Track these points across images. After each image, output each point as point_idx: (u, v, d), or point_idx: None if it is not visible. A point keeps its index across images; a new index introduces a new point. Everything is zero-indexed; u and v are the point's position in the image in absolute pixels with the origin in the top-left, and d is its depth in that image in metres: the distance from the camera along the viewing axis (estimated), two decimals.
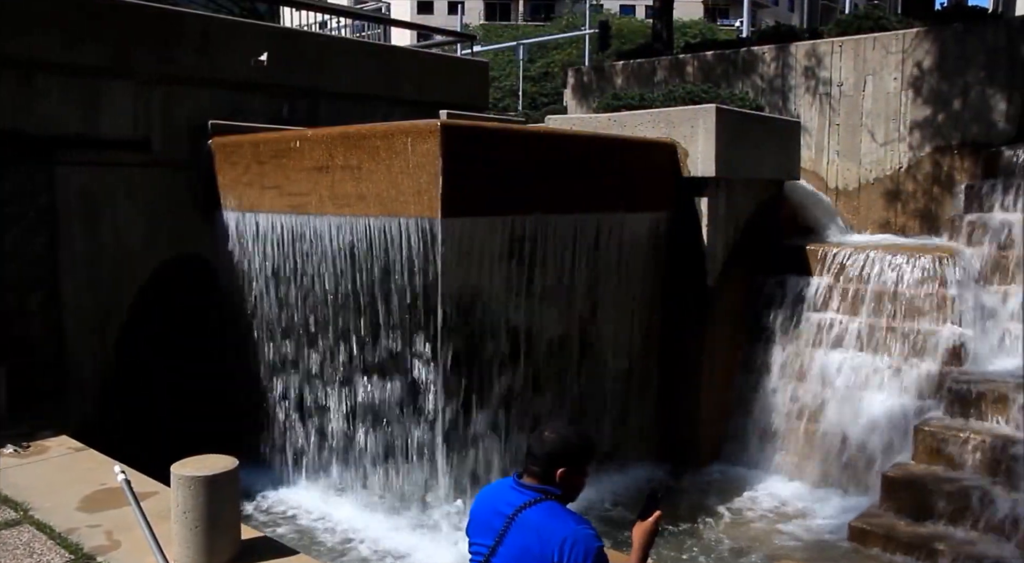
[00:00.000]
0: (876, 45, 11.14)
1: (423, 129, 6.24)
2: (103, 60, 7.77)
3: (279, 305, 7.95)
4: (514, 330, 7.22)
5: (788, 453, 8.56)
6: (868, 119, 11.26)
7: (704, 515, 7.62)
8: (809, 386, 8.50)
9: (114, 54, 7.84)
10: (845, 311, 8.55)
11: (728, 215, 8.67)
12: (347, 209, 6.90)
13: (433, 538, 6.76)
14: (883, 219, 11.14)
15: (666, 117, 8.51)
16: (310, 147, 7.18)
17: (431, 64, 11.37)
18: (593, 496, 7.42)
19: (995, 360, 7.98)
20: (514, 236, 6.80)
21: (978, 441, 7.03)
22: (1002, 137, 10.07)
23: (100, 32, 7.74)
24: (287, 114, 9.33)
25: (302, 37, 10.17)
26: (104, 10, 7.79)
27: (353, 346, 7.44)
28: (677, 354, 8.69)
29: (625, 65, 13.94)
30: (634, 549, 3.08)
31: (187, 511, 4.35)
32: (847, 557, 6.85)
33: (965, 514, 6.75)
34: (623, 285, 8.05)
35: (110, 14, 7.83)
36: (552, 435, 3.06)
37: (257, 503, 7.77)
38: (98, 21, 7.74)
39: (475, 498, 3.25)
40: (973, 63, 10.36)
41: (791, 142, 9.89)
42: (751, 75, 12.35)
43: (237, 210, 8.06)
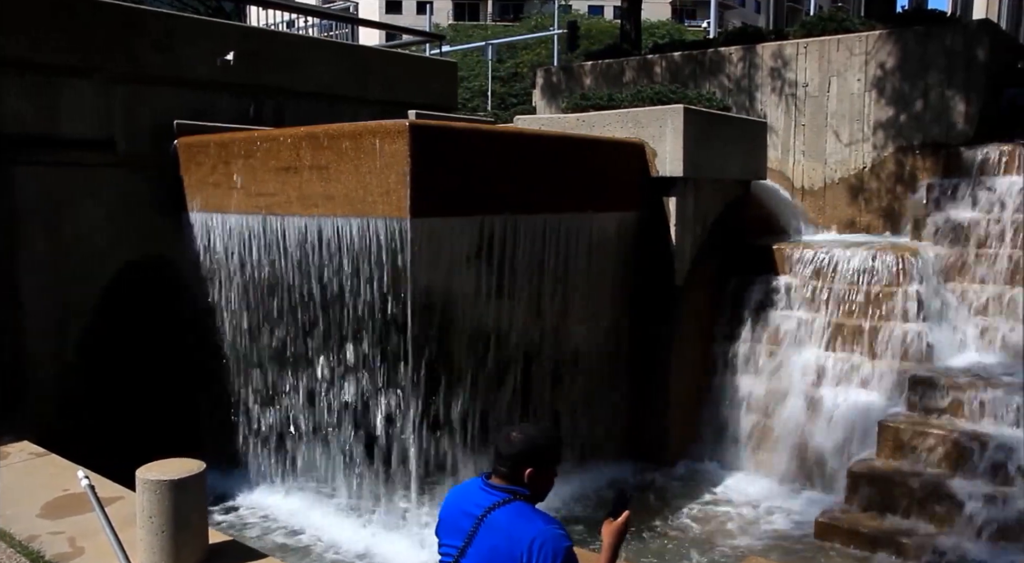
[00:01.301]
0: (840, 47, 11.29)
1: (391, 129, 6.22)
2: (64, 58, 7.64)
3: (247, 307, 7.87)
4: (484, 330, 7.22)
5: (755, 450, 8.65)
6: (833, 119, 11.41)
7: (672, 512, 7.68)
8: (775, 384, 8.60)
9: (75, 52, 7.71)
10: (810, 309, 8.66)
11: (696, 215, 8.74)
12: (315, 209, 6.86)
13: (402, 540, 6.74)
14: (848, 218, 11.30)
15: (634, 117, 8.56)
16: (278, 147, 7.12)
17: (400, 64, 11.32)
18: (563, 495, 7.45)
19: (957, 356, 8.13)
20: (483, 236, 6.80)
21: (940, 436, 7.15)
22: (961, 137, 10.26)
23: (61, 29, 7.62)
24: (254, 114, 9.25)
25: (269, 36, 10.08)
26: (65, 7, 7.67)
27: (322, 347, 7.39)
28: (646, 353, 8.75)
29: (594, 65, 13.99)
30: (603, 548, 3.10)
31: (153, 516, 4.30)
32: (812, 553, 6.94)
33: (927, 507, 6.87)
34: (592, 285, 8.09)
35: (71, 11, 7.71)
36: (519, 435, 3.05)
37: (226, 507, 7.69)
38: (59, 18, 7.61)
39: (444, 499, 3.24)
40: (933, 65, 10.54)
41: (758, 142, 9.99)
42: (718, 76, 12.45)
43: (203, 211, 7.97)
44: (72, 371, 7.76)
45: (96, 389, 7.83)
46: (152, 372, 8.09)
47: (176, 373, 8.19)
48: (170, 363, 8.19)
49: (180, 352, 8.27)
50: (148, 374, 8.07)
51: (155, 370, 8.11)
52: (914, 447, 7.27)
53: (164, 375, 8.13)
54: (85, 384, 7.78)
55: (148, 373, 8.07)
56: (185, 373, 8.24)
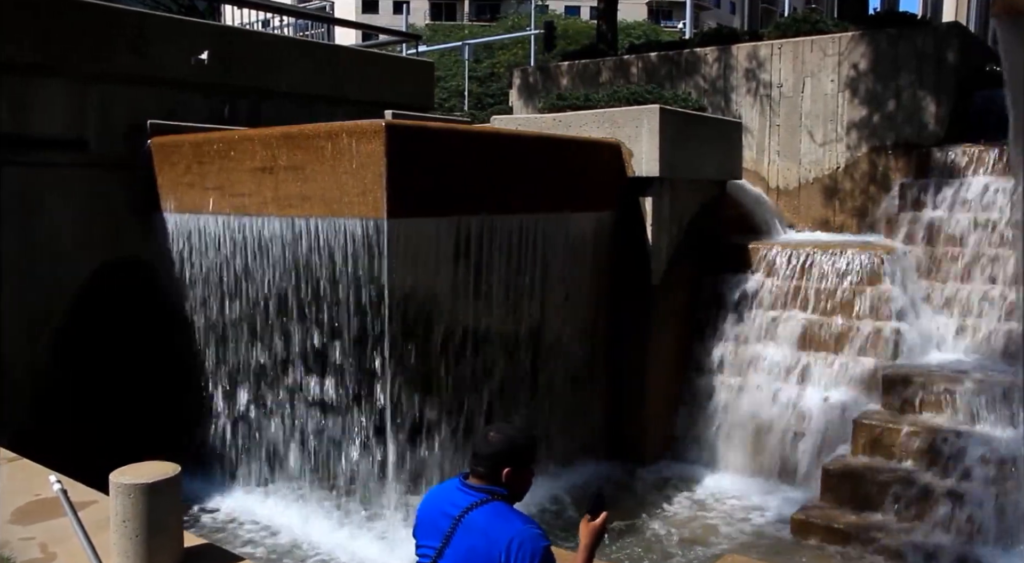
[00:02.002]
0: (814, 48, 11.40)
1: (368, 129, 6.20)
2: (34, 57, 7.54)
3: (222, 308, 7.81)
4: (462, 330, 7.21)
5: (732, 448, 8.71)
6: (807, 120, 11.51)
7: (650, 511, 7.71)
8: (752, 382, 8.66)
9: (46, 51, 7.61)
10: (786, 308, 8.74)
11: (672, 215, 8.78)
12: (291, 210, 6.82)
13: (379, 541, 6.72)
14: (822, 217, 11.40)
15: (611, 117, 8.59)
16: (253, 147, 7.07)
17: (376, 64, 11.28)
18: (541, 495, 7.46)
19: (929, 354, 8.23)
20: (460, 236, 6.79)
21: (913, 433, 7.24)
22: (932, 138, 10.39)
23: (30, 27, 7.51)
24: (228, 114, 9.18)
25: (244, 36, 10.01)
26: (34, 5, 7.57)
27: (299, 349, 7.35)
28: (624, 352, 8.78)
29: (570, 66, 14.02)
30: (580, 548, 3.10)
31: (127, 520, 4.25)
32: (789, 549, 6.99)
33: (900, 504, 6.95)
34: (569, 284, 8.10)
35: (41, 9, 7.61)
36: (497, 435, 3.06)
37: (201, 509, 7.63)
38: (28, 16, 7.51)
39: (422, 500, 3.24)
40: (905, 67, 10.67)
41: (733, 142, 10.06)
42: (694, 76, 12.52)
43: (178, 211, 7.90)
44: (45, 374, 7.66)
45: (71, 392, 7.73)
46: (127, 374, 8.00)
47: (152, 375, 8.10)
48: (146, 365, 8.10)
49: (155, 354, 8.18)
50: (123, 376, 7.98)
51: (130, 372, 8.02)
52: (888, 444, 7.35)
53: (140, 377, 8.04)
54: (59, 387, 7.69)
55: (123, 375, 7.98)
56: (161, 375, 8.15)
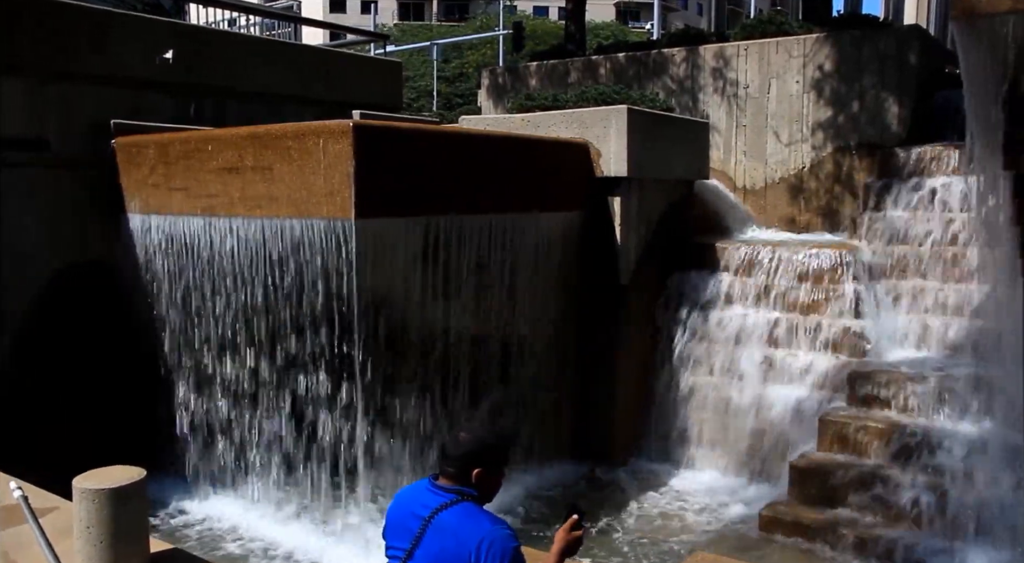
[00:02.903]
0: (779, 49, 11.52)
1: (335, 129, 6.17)
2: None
3: (188, 311, 7.73)
4: (430, 331, 7.20)
5: (701, 446, 8.78)
6: (773, 120, 11.63)
7: (620, 510, 7.75)
8: (720, 380, 8.73)
9: (4, 48, 7.47)
10: (753, 306, 8.83)
11: (640, 214, 8.83)
12: (259, 211, 6.77)
13: (348, 543, 6.69)
14: (788, 217, 11.53)
15: (579, 118, 8.62)
16: (220, 147, 7.00)
17: (344, 64, 11.22)
18: (511, 495, 7.47)
19: (894, 351, 8.35)
20: (429, 237, 6.78)
21: (878, 429, 7.34)
22: (895, 139, 10.55)
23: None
24: (194, 114, 9.08)
25: (210, 35, 9.90)
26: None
27: (267, 350, 7.29)
28: (593, 352, 8.81)
29: (539, 66, 14.04)
30: (552, 551, 3.10)
31: (90, 526, 4.18)
32: (757, 545, 7.06)
33: (866, 498, 7.04)
34: (538, 284, 8.12)
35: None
36: (467, 436, 3.05)
37: (168, 514, 7.55)
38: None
39: (391, 501, 3.22)
40: (868, 68, 10.82)
41: (701, 143, 10.14)
42: (662, 76, 12.60)
43: (143, 212, 7.80)
44: (5, 379, 7.51)
45: (32, 396, 7.59)
46: (93, 377, 7.87)
47: (118, 378, 7.98)
48: (111, 368, 7.98)
49: (122, 357, 8.06)
50: (88, 380, 7.85)
51: (96, 375, 7.89)
52: (854, 440, 7.44)
53: (105, 380, 7.92)
54: (20, 390, 7.55)
55: (88, 379, 7.86)
56: (127, 378, 8.04)
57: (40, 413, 7.58)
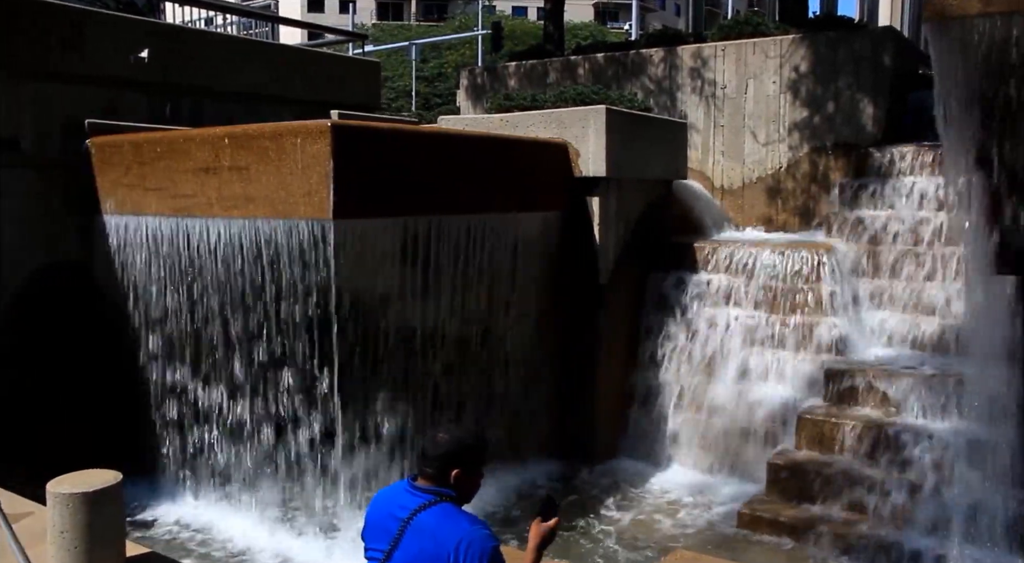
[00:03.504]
0: (756, 50, 11.60)
1: (313, 129, 6.14)
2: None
3: (165, 312, 7.66)
4: (410, 331, 7.18)
5: (681, 445, 8.82)
6: (750, 120, 11.71)
7: (600, 508, 7.77)
8: (699, 379, 8.78)
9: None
10: (731, 305, 8.88)
11: (619, 214, 8.86)
12: (236, 211, 6.72)
13: (327, 545, 6.66)
14: (765, 216, 11.61)
15: (558, 118, 8.63)
16: (196, 147, 6.95)
17: (322, 64, 11.17)
18: (491, 495, 7.47)
19: (869, 349, 8.43)
20: (408, 237, 6.76)
21: (853, 426, 7.41)
22: (870, 139, 10.66)
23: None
24: (170, 113, 9.00)
25: (186, 34, 9.82)
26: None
27: (245, 353, 7.24)
28: (573, 351, 8.83)
29: (517, 66, 14.05)
30: (529, 548, 3.11)
31: (64, 531, 4.15)
32: (736, 543, 7.11)
33: (843, 495, 7.12)
34: (518, 284, 8.12)
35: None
36: (446, 436, 3.05)
37: (147, 518, 7.47)
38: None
39: (370, 502, 3.22)
40: (843, 69, 10.92)
41: (679, 143, 10.19)
42: (640, 77, 12.65)
43: (118, 213, 7.73)
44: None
45: (9, 399, 7.49)
46: (69, 380, 7.79)
47: (95, 380, 7.90)
48: (87, 369, 7.89)
49: (97, 358, 7.98)
50: (65, 382, 7.76)
51: (71, 377, 7.80)
52: (830, 438, 7.52)
53: (82, 382, 7.84)
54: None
55: (64, 381, 7.77)
56: (104, 380, 7.96)
57: (15, 415, 7.49)
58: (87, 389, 7.86)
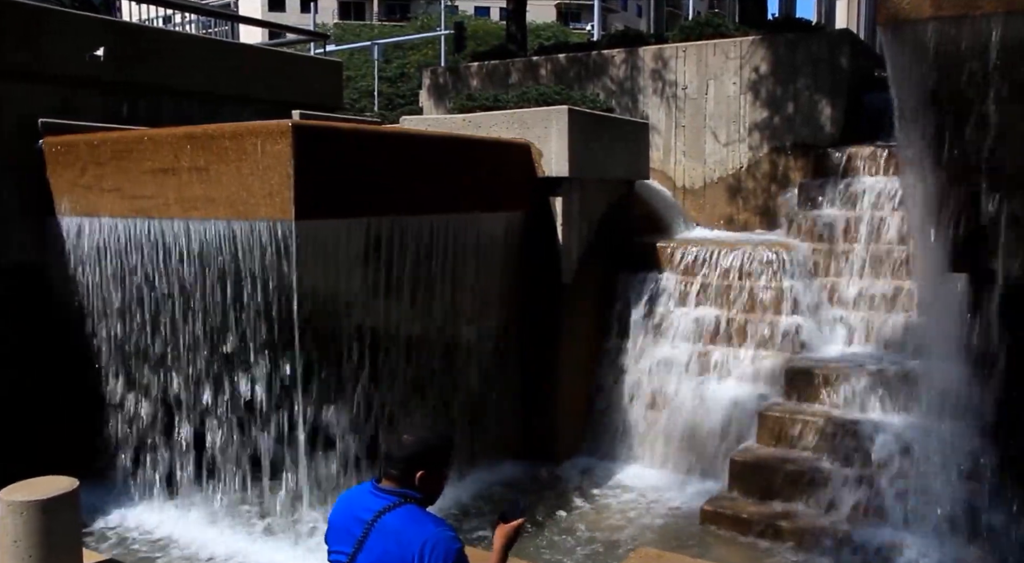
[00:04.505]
0: (716, 51, 11.72)
1: (274, 129, 6.08)
2: None
3: (123, 315, 7.53)
4: (373, 332, 7.15)
5: (644, 443, 8.88)
6: (711, 121, 11.83)
7: (564, 507, 7.79)
8: (661, 378, 8.84)
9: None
10: (693, 305, 8.97)
11: (582, 214, 8.90)
12: (196, 212, 6.63)
13: (290, 548, 6.60)
14: (727, 216, 11.74)
15: (520, 118, 8.65)
16: (154, 148, 6.85)
17: (283, 63, 11.06)
18: (456, 496, 7.46)
19: (828, 347, 8.57)
20: (370, 238, 6.73)
21: (814, 423, 7.53)
22: (828, 139, 10.83)
23: None
24: (127, 113, 8.84)
25: (143, 32, 9.66)
26: None
27: (205, 354, 7.15)
28: (537, 351, 8.85)
29: (480, 66, 14.05)
30: (494, 549, 3.12)
31: (18, 539, 4.06)
32: (699, 539, 7.18)
33: (804, 491, 7.22)
34: (481, 285, 8.12)
35: None
36: (410, 438, 3.04)
37: (105, 524, 7.34)
38: None
39: (333, 505, 3.20)
40: (801, 71, 11.09)
41: (641, 143, 10.25)
42: (602, 77, 12.71)
43: (74, 214, 7.58)
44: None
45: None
46: (22, 384, 7.62)
47: (49, 384, 7.74)
48: (42, 374, 7.73)
49: (52, 362, 7.82)
50: (17, 386, 7.60)
51: (25, 382, 7.64)
52: (791, 435, 7.62)
53: (37, 387, 7.67)
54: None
55: (17, 385, 7.60)
56: (59, 384, 7.80)
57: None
58: (41, 393, 7.70)
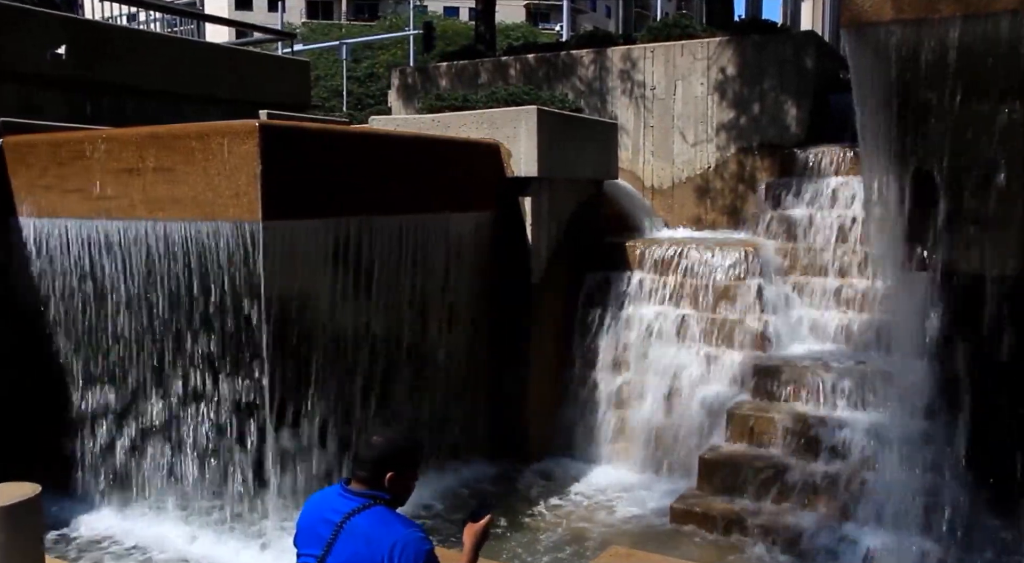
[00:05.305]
0: (684, 52, 11.80)
1: (240, 130, 6.04)
2: None
3: (87, 317, 7.42)
4: (342, 333, 7.11)
5: (615, 443, 8.92)
6: (679, 121, 11.91)
7: (535, 508, 7.81)
8: (631, 376, 8.89)
9: None
10: (662, 304, 9.02)
11: (551, 214, 8.92)
12: (161, 213, 6.56)
13: (258, 552, 6.55)
14: (695, 215, 11.82)
15: (489, 118, 8.65)
16: (119, 148, 6.76)
17: (250, 62, 10.99)
18: (424, 496, 7.44)
19: (795, 345, 8.66)
20: (339, 238, 6.70)
21: (781, 420, 7.61)
22: (794, 140, 10.95)
23: None
24: (91, 112, 8.73)
25: (108, 30, 9.55)
26: None
27: (171, 357, 7.07)
28: (506, 351, 8.85)
29: (449, 66, 14.02)
30: (465, 550, 3.12)
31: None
32: (670, 537, 7.21)
33: (771, 488, 7.28)
34: (451, 285, 8.11)
35: None
36: (379, 439, 3.04)
37: (67, 531, 7.22)
38: None
39: (302, 507, 3.18)
40: (768, 72, 11.19)
41: (609, 143, 10.30)
42: (571, 78, 12.75)
43: (35, 215, 7.45)
44: None
45: None
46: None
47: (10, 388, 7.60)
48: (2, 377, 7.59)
49: (13, 365, 7.68)
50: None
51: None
52: (759, 432, 7.69)
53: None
54: None
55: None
56: (20, 388, 7.66)
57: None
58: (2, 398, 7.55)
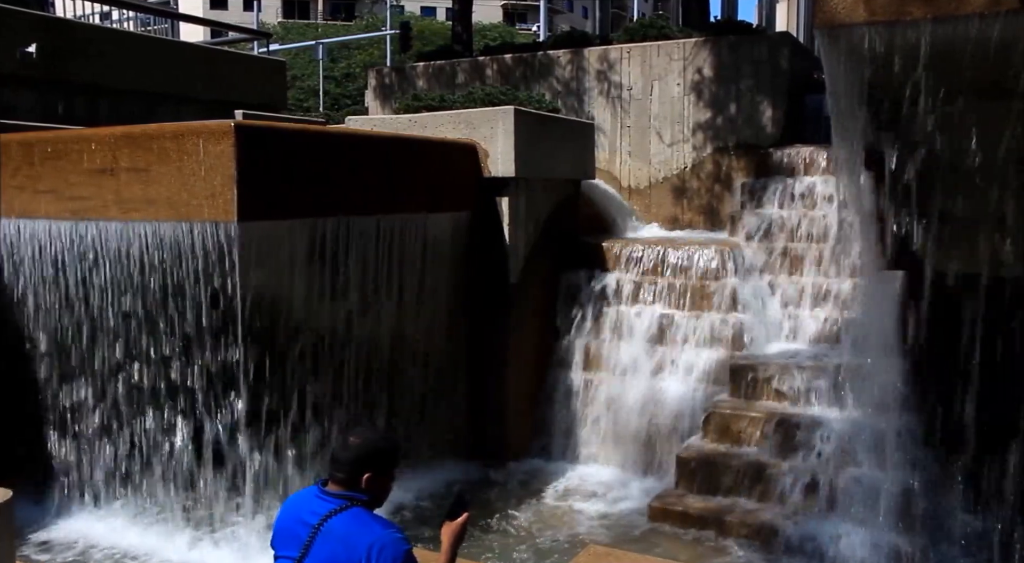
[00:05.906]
0: (660, 52, 11.86)
1: (215, 130, 6.00)
2: None
3: (60, 318, 7.33)
4: (318, 334, 7.08)
5: (593, 442, 8.94)
6: (656, 121, 11.96)
7: (514, 507, 7.80)
8: (610, 376, 8.92)
9: None
10: (639, 303, 9.05)
11: (528, 214, 8.93)
12: (135, 214, 6.50)
13: (234, 555, 6.50)
14: (672, 215, 11.88)
15: (466, 118, 8.64)
16: (92, 148, 6.68)
17: (225, 62, 10.90)
18: (403, 496, 7.42)
19: (772, 344, 8.72)
20: (316, 239, 6.67)
21: (758, 419, 7.66)
22: (769, 140, 11.04)
23: None
24: (63, 112, 8.62)
25: (79, 29, 9.44)
26: None
27: (146, 359, 7.00)
28: (484, 351, 8.85)
29: (426, 66, 14.00)
30: (443, 549, 3.11)
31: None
32: (648, 536, 7.24)
33: (749, 485, 7.33)
34: (428, 285, 8.10)
35: None
36: (357, 440, 3.03)
37: (39, 536, 7.13)
38: None
39: (279, 509, 3.16)
40: (743, 72, 11.28)
41: (586, 143, 10.32)
42: (548, 78, 12.77)
43: (6, 216, 7.35)
44: None
45: None
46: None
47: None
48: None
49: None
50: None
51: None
52: (736, 430, 7.74)
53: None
54: None
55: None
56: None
57: None
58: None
